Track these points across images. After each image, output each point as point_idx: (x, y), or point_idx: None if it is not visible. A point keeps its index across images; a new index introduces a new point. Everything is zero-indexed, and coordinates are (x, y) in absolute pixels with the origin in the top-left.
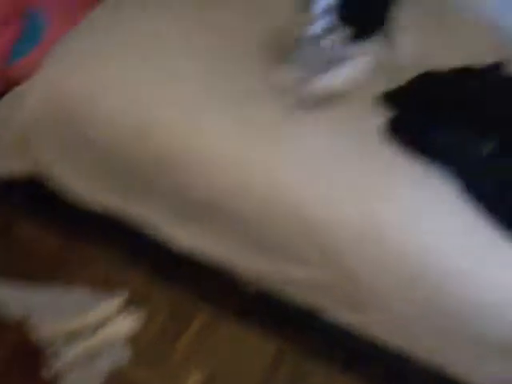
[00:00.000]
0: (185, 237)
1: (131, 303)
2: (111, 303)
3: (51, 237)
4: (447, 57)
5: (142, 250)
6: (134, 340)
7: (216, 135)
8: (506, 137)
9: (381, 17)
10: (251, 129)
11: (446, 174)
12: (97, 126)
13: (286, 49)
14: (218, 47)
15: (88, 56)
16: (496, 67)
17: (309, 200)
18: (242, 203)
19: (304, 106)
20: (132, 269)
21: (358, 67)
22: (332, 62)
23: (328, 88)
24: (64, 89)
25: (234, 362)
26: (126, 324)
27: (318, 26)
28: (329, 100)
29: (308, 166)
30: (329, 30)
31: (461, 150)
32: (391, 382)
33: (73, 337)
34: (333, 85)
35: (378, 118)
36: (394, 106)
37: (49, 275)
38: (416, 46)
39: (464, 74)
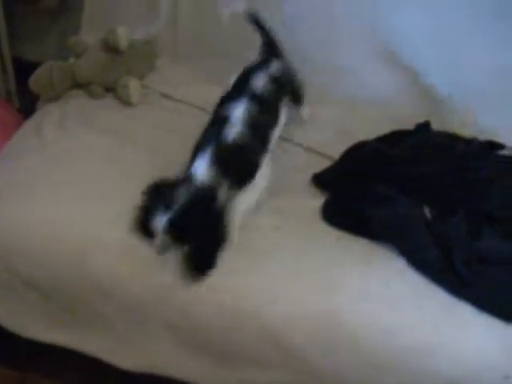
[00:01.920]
0: (134, 361)
1: None
2: None
3: (3, 374)
4: None
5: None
6: None
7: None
8: (443, 199)
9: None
10: None
11: (389, 248)
12: (28, 261)
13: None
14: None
15: (9, 189)
16: (425, 126)
17: (264, 301)
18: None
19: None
20: None
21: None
22: None
23: None
24: None
25: None
26: None
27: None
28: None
29: (255, 262)
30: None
31: (404, 221)
32: None
33: None
34: None
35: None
36: (325, 188)
37: None
38: None
39: (391, 140)
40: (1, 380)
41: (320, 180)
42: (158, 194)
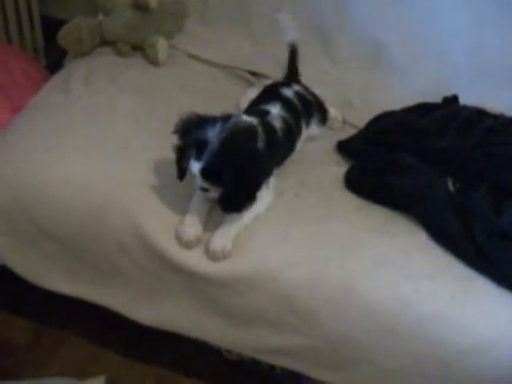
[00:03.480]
0: (152, 315)
1: None
2: None
3: (19, 326)
4: None
5: (118, 326)
6: None
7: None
8: (467, 172)
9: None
10: None
11: (410, 219)
12: (51, 214)
13: None
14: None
15: (35, 143)
16: (453, 100)
17: (281, 264)
18: (212, 276)
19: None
20: (106, 350)
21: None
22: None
23: (228, 244)
24: (14, 179)
25: None
26: None
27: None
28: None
29: (275, 228)
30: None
31: (426, 192)
32: None
33: None
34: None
35: (339, 169)
36: (349, 156)
37: (16, 367)
38: None
39: (417, 112)
40: (17, 331)
41: (344, 147)
42: (194, 131)
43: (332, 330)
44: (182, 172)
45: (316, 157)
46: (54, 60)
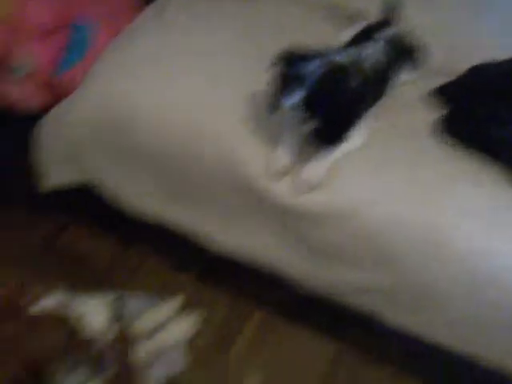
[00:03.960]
0: (234, 244)
1: (186, 307)
2: (166, 308)
3: (104, 244)
4: None
5: (194, 254)
6: (190, 344)
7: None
8: None
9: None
10: None
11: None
12: (145, 133)
13: None
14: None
15: (134, 63)
16: None
17: (365, 202)
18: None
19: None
20: (185, 273)
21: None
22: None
23: (320, 175)
24: (112, 97)
25: (291, 365)
26: (182, 328)
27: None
28: None
29: (364, 167)
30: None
31: None
32: None
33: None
34: (323, 172)
35: (432, 115)
36: (447, 102)
37: (101, 282)
38: None
39: None
40: (104, 246)
41: (444, 92)
42: (291, 64)
43: (413, 273)
44: (276, 104)
45: (408, 102)
46: None
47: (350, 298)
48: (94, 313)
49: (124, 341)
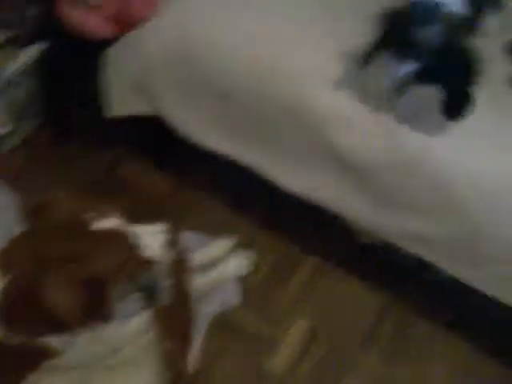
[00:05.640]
0: (300, 183)
1: (241, 247)
2: (221, 245)
3: (162, 179)
4: None
5: (253, 197)
6: (242, 283)
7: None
8: None
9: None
10: None
11: None
12: (217, 68)
13: None
14: None
15: (214, 8)
16: None
17: (437, 151)
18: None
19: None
20: (242, 214)
21: None
22: None
23: None
24: (183, 31)
25: (339, 314)
26: (235, 267)
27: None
28: None
29: None
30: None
31: None
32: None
33: None
34: None
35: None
36: None
37: (157, 217)
38: None
39: None
40: (158, 183)
41: None
42: (401, 27)
43: (481, 224)
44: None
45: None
46: None
47: (413, 247)
48: (150, 238)
49: (181, 268)
